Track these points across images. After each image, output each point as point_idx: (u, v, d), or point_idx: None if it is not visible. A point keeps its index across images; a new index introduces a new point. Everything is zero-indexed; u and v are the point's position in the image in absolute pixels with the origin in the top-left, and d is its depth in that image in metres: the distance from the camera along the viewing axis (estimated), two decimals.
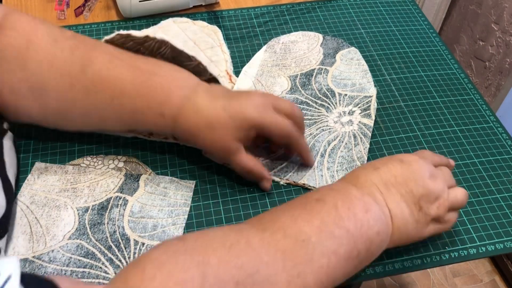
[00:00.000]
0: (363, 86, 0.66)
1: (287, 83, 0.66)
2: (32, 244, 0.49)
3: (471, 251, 0.52)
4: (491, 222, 0.54)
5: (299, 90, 0.65)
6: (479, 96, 0.68)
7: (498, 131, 0.63)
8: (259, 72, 0.67)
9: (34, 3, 0.76)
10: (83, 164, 0.56)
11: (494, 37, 1.43)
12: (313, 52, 0.71)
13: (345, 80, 0.67)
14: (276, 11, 0.78)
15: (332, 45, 0.72)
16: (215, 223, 0.52)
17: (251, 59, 0.69)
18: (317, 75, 0.67)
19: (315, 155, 0.57)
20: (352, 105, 0.63)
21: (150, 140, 0.59)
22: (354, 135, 0.60)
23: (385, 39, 0.75)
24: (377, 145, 0.61)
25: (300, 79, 0.67)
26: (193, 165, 0.57)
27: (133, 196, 0.53)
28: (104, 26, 0.73)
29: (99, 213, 0.52)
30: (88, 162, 0.56)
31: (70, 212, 0.51)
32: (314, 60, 0.69)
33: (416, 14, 0.80)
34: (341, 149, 0.58)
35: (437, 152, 0.60)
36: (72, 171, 0.55)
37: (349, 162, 0.57)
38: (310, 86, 0.66)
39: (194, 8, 0.78)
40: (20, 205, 0.51)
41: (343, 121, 0.61)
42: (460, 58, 1.62)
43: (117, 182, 0.54)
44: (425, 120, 0.64)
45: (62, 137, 0.59)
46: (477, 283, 1.38)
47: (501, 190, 0.57)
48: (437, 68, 0.71)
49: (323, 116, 0.62)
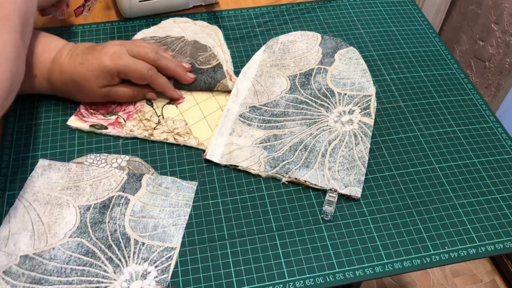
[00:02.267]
0: (362, 85, 0.66)
1: (286, 83, 0.66)
2: (34, 241, 0.49)
3: (471, 251, 0.52)
4: (491, 222, 0.54)
5: (298, 90, 0.65)
6: (479, 96, 0.68)
7: (498, 131, 0.63)
8: (258, 73, 0.67)
9: None
10: (87, 162, 0.56)
11: (494, 37, 1.43)
12: (312, 51, 0.71)
13: (344, 79, 0.67)
14: (276, 11, 0.78)
15: (331, 44, 0.72)
16: (215, 223, 0.52)
17: (250, 59, 0.69)
18: (316, 74, 0.67)
19: (316, 155, 0.58)
20: (352, 104, 0.63)
21: (151, 140, 0.59)
22: (355, 134, 0.60)
23: (385, 39, 0.75)
24: (377, 145, 0.61)
25: (299, 79, 0.67)
26: (193, 165, 0.57)
27: (135, 196, 0.53)
28: (104, 26, 0.73)
29: (101, 211, 0.52)
30: (92, 160, 0.56)
31: (72, 210, 0.52)
32: (313, 60, 0.69)
33: (416, 14, 0.80)
34: (342, 148, 0.58)
35: (436, 152, 0.60)
36: (75, 169, 0.55)
37: (350, 162, 0.57)
38: (309, 86, 0.66)
39: (194, 8, 0.78)
40: (23, 201, 0.52)
41: (343, 121, 0.61)
42: (460, 58, 1.62)
43: (119, 181, 0.54)
44: (425, 120, 0.64)
45: (65, 135, 0.59)
46: (477, 283, 1.38)
47: (501, 190, 0.57)
48: (437, 68, 0.71)
49: (323, 116, 0.62)
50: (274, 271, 0.49)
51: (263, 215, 0.53)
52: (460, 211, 0.55)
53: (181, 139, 0.59)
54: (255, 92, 0.64)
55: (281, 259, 0.50)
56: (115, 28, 0.73)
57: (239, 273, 0.49)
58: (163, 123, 0.60)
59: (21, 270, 0.47)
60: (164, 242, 0.50)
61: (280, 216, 0.53)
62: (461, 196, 0.56)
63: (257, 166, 0.56)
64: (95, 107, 0.61)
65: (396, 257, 0.51)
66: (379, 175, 0.58)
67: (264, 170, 0.56)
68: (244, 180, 0.56)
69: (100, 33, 0.72)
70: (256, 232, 0.52)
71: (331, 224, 0.53)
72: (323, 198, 0.55)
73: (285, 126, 0.61)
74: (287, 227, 0.52)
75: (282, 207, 0.54)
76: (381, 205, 0.55)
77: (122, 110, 0.61)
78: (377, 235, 0.52)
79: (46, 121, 0.60)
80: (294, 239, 0.51)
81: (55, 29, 0.72)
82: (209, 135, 0.60)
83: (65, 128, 0.60)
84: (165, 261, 0.48)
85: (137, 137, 0.59)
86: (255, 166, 0.56)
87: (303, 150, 0.58)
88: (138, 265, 0.48)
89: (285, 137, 0.59)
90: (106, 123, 0.60)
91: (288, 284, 0.48)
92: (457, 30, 1.62)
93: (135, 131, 0.59)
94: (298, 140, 0.59)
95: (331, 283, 0.48)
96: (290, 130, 0.60)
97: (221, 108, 0.63)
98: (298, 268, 0.49)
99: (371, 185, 0.57)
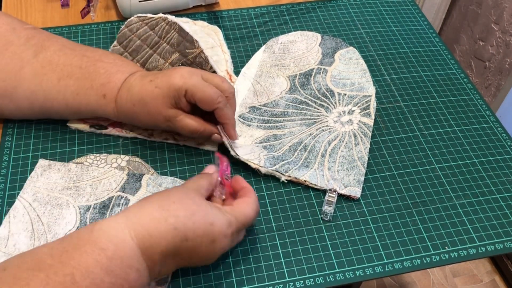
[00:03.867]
0: (362, 85, 0.66)
1: (286, 83, 0.66)
2: (33, 242, 0.49)
3: (471, 251, 0.52)
4: (491, 222, 0.54)
5: (298, 90, 0.65)
6: (479, 96, 0.68)
7: (498, 131, 0.63)
8: (257, 73, 0.67)
9: (34, 3, 0.76)
10: (86, 162, 0.56)
11: (494, 37, 1.43)
12: (312, 52, 0.71)
13: (344, 79, 0.67)
14: (276, 11, 0.78)
15: (331, 44, 0.72)
16: None
17: (250, 59, 0.69)
18: (316, 74, 0.67)
19: (316, 155, 0.58)
20: (351, 105, 0.63)
21: (150, 140, 0.59)
22: (354, 134, 0.60)
23: (385, 39, 0.75)
24: (377, 145, 0.61)
25: (299, 79, 0.67)
26: (193, 165, 0.57)
27: (135, 196, 0.53)
28: (104, 26, 0.73)
29: (101, 212, 0.52)
30: (91, 161, 0.56)
31: (72, 211, 0.51)
32: (313, 60, 0.69)
33: (416, 14, 0.80)
34: (342, 148, 0.58)
35: (436, 152, 0.60)
36: (75, 169, 0.55)
37: (350, 162, 0.57)
38: (309, 86, 0.66)
39: (194, 8, 0.78)
40: (23, 202, 0.52)
41: (343, 121, 0.61)
42: (460, 58, 1.62)
43: (119, 181, 0.54)
44: (425, 120, 0.64)
45: (65, 135, 0.59)
46: (477, 283, 1.38)
47: (501, 190, 0.57)
48: (437, 68, 0.71)
49: (323, 116, 0.62)
50: (274, 271, 0.49)
51: (263, 215, 0.53)
52: (460, 211, 0.55)
53: (181, 139, 0.59)
54: (254, 92, 0.64)
55: (281, 259, 0.50)
56: (115, 28, 0.73)
57: (239, 273, 0.49)
58: None
59: None
60: None
61: (280, 216, 0.53)
62: (461, 196, 0.56)
63: (257, 161, 0.56)
64: None
65: (396, 257, 0.51)
66: (379, 175, 0.58)
67: (264, 166, 0.56)
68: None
69: (100, 33, 0.72)
70: (256, 232, 0.52)
71: (331, 224, 0.53)
72: (323, 198, 0.55)
73: (285, 126, 0.61)
74: (287, 227, 0.52)
75: (282, 207, 0.54)
76: (381, 205, 0.55)
77: None
78: (377, 235, 0.52)
79: (46, 121, 0.60)
80: (294, 239, 0.51)
81: (55, 29, 0.72)
82: None
83: (65, 128, 0.60)
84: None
85: (137, 137, 0.59)
86: (255, 160, 0.56)
87: (303, 150, 0.58)
88: None
89: (284, 137, 0.59)
90: (106, 123, 0.60)
91: (288, 284, 0.48)
92: (457, 30, 1.62)
93: (135, 131, 0.59)
94: (298, 140, 0.59)
95: (331, 283, 0.48)
96: (289, 130, 0.60)
97: None
98: (298, 268, 0.49)
99: (371, 185, 0.57)
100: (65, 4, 0.76)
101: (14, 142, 0.58)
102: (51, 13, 0.75)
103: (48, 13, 0.75)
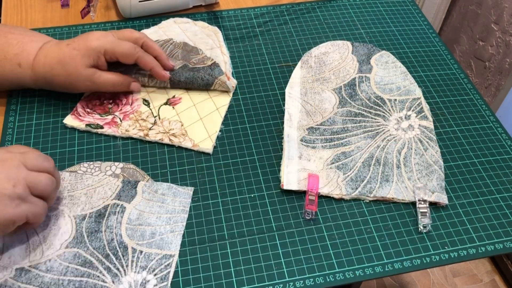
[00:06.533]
0: (408, 88, 0.66)
1: (334, 98, 0.64)
2: (29, 253, 0.48)
3: (471, 251, 0.52)
4: (491, 222, 0.54)
5: (348, 102, 0.64)
6: (479, 96, 0.68)
7: (498, 131, 0.63)
8: (302, 91, 0.65)
9: (34, 3, 0.77)
10: (80, 171, 0.55)
11: (494, 37, 1.43)
12: (347, 61, 0.69)
13: (388, 84, 0.66)
14: (276, 11, 0.78)
15: (363, 51, 0.71)
16: (215, 223, 0.52)
17: (290, 78, 0.67)
18: (360, 83, 0.66)
19: (391, 167, 0.57)
20: (405, 110, 0.63)
21: (146, 140, 0.59)
22: (420, 140, 0.60)
23: (385, 39, 0.75)
24: None
25: (345, 90, 0.65)
26: (192, 165, 0.57)
27: (131, 203, 0.53)
28: (104, 26, 0.73)
29: (97, 220, 0.51)
30: (85, 169, 0.56)
31: (67, 221, 0.51)
32: (351, 69, 0.68)
33: (416, 14, 0.80)
34: (413, 156, 0.58)
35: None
36: (69, 178, 0.54)
37: (427, 168, 0.57)
38: (357, 97, 0.65)
39: (194, 8, 0.78)
40: None
41: (404, 127, 0.61)
42: (460, 58, 1.62)
43: (114, 189, 0.54)
44: None
45: (58, 142, 0.59)
46: (477, 283, 1.38)
47: (501, 190, 0.57)
48: (437, 68, 0.71)
49: (383, 125, 0.61)
50: (274, 271, 0.49)
51: (263, 215, 0.53)
52: (460, 211, 0.55)
53: (176, 140, 0.59)
54: (307, 113, 0.63)
55: (281, 259, 0.50)
56: (115, 28, 0.73)
57: (239, 273, 0.49)
58: (159, 124, 0.60)
59: (17, 283, 0.46)
60: (162, 250, 0.49)
61: (280, 216, 0.53)
62: (461, 196, 0.56)
63: (338, 191, 0.55)
64: (92, 106, 0.61)
65: (396, 257, 0.51)
66: None
67: (346, 193, 0.55)
68: (244, 180, 0.56)
69: None
70: (256, 232, 0.52)
71: (331, 224, 0.53)
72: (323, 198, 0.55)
73: (350, 142, 0.60)
74: (287, 227, 0.52)
75: (282, 207, 0.54)
76: (381, 205, 0.55)
77: (119, 110, 0.61)
78: (377, 235, 0.52)
79: (46, 121, 0.60)
80: (294, 239, 0.51)
81: (55, 29, 0.72)
82: (205, 136, 0.59)
83: (65, 128, 0.60)
84: (164, 268, 0.48)
85: (133, 137, 0.59)
86: (336, 191, 0.55)
87: (377, 164, 0.57)
88: (137, 274, 0.47)
89: (354, 153, 0.58)
90: (102, 122, 0.60)
91: (288, 284, 0.48)
92: (457, 30, 1.62)
93: (130, 131, 0.59)
94: (369, 155, 0.58)
95: (331, 283, 0.48)
96: (356, 146, 0.59)
97: (218, 109, 0.63)
98: (298, 268, 0.49)
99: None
100: (65, 4, 0.76)
101: (14, 142, 0.58)
102: (51, 13, 0.75)
103: (48, 13, 0.75)
